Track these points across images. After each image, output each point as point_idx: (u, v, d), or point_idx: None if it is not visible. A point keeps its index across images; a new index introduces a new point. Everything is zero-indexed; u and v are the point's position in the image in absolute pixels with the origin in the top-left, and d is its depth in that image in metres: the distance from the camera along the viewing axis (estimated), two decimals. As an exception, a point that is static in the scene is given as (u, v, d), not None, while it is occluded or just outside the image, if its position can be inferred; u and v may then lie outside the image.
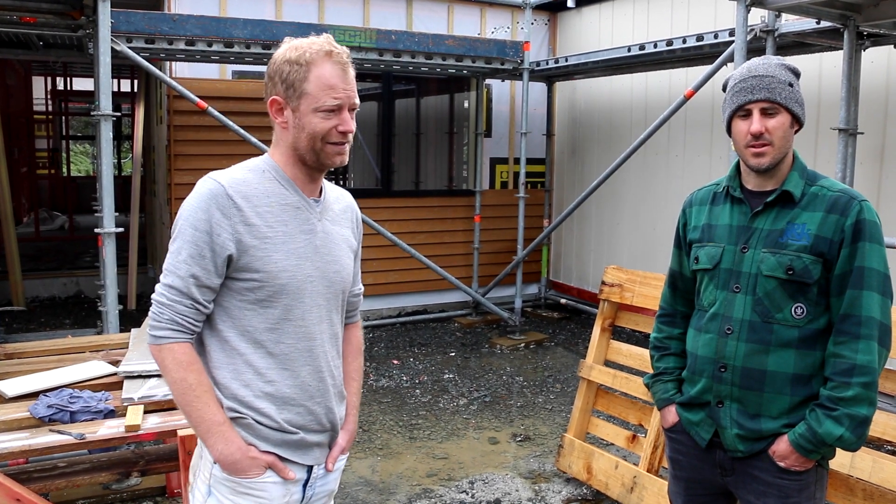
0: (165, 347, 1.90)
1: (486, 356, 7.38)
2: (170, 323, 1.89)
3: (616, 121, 8.65)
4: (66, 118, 15.95)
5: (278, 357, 1.97)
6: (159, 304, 1.91)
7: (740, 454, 2.28)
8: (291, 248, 1.96)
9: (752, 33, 5.30)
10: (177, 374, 1.89)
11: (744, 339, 2.23)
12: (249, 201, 1.92)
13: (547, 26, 9.46)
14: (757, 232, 2.24)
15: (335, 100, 1.95)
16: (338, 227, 2.12)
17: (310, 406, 2.02)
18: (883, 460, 3.15)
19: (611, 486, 4.23)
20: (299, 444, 2.01)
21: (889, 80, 5.97)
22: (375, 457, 4.98)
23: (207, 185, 1.91)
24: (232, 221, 1.88)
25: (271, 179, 1.99)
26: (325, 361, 2.05)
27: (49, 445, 3.40)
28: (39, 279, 9.28)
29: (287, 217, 1.97)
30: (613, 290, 4.47)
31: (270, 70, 1.98)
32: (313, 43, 1.96)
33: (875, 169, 6.00)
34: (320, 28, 6.94)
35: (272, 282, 1.93)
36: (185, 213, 1.90)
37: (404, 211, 8.62)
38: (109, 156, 5.58)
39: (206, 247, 1.87)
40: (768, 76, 2.21)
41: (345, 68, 1.97)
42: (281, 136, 2.01)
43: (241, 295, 1.93)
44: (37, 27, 6.14)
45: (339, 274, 2.10)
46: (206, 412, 1.89)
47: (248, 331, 1.95)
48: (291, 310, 1.96)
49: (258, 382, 1.95)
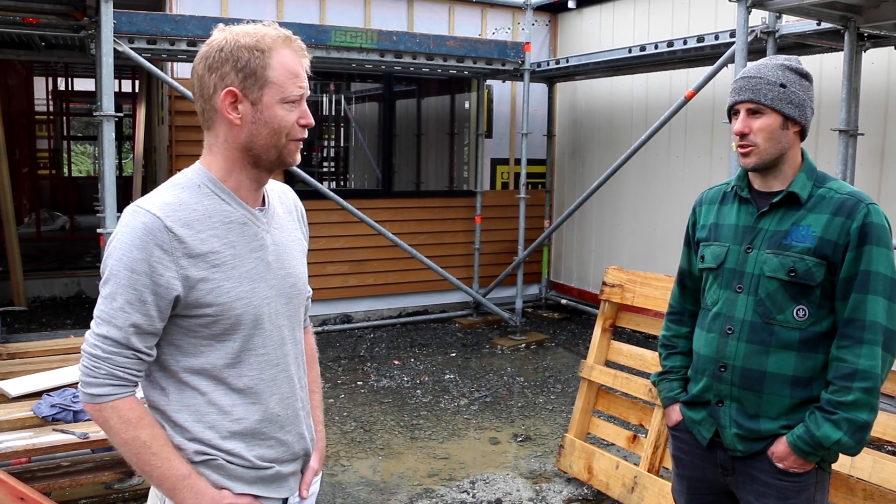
0: (107, 406, 1.66)
1: (486, 356, 7.38)
2: (108, 377, 1.65)
3: (617, 122, 8.66)
4: (68, 119, 15.95)
5: (243, 391, 1.77)
6: (94, 357, 1.66)
7: (739, 454, 2.29)
8: (243, 272, 1.74)
9: (753, 34, 5.31)
10: (127, 434, 1.66)
11: (744, 339, 2.24)
12: (191, 228, 1.68)
13: (548, 27, 9.47)
14: (762, 232, 2.25)
15: (300, 89, 1.74)
16: (287, 233, 1.91)
17: (281, 437, 1.84)
18: (883, 460, 3.16)
19: (611, 486, 4.24)
20: (274, 477, 1.84)
21: (889, 81, 5.98)
22: (377, 457, 4.99)
23: (140, 219, 1.65)
24: (175, 257, 1.64)
25: (209, 195, 1.74)
26: (291, 386, 1.87)
27: (52, 445, 3.42)
28: (41, 279, 9.29)
29: (233, 237, 1.74)
30: (614, 290, 4.48)
31: (214, 60, 1.72)
32: (263, 28, 1.75)
33: (875, 170, 6.01)
34: (322, 29, 6.96)
35: (227, 314, 1.71)
36: (118, 253, 1.64)
37: (405, 211, 8.63)
38: (112, 156, 5.59)
39: (146, 290, 1.63)
40: (756, 77, 2.23)
41: (303, 56, 1.77)
42: (227, 136, 1.75)
43: (194, 332, 1.72)
44: (39, 28, 6.16)
45: (296, 287, 1.90)
46: (167, 468, 1.68)
47: (205, 368, 1.73)
48: (251, 339, 1.76)
49: (224, 422, 1.75)
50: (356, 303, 8.52)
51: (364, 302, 8.57)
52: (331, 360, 7.07)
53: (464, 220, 9.00)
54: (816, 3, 4.72)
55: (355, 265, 8.37)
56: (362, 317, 8.55)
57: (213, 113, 1.75)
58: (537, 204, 9.33)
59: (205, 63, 1.73)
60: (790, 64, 2.25)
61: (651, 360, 4.26)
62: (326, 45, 6.93)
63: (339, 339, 7.85)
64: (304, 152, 9.84)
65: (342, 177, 11.29)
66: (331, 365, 6.93)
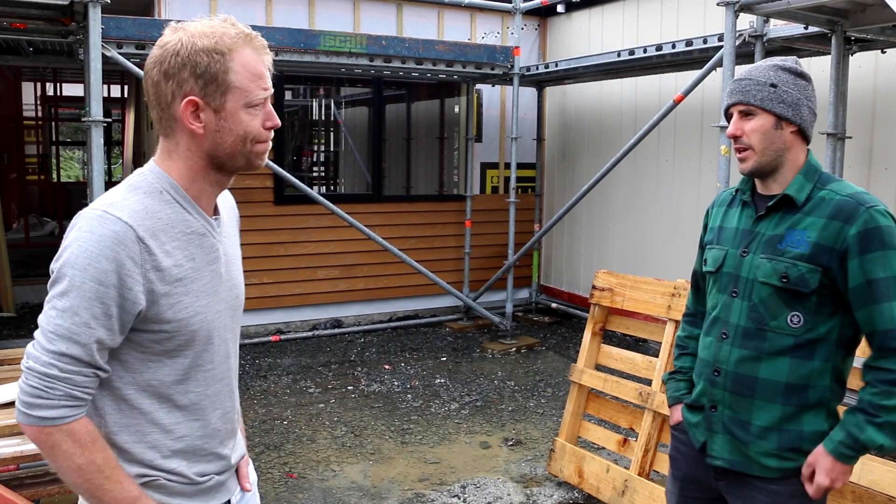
0: (61, 430, 1.52)
1: (477, 361, 7.38)
2: (66, 399, 1.51)
3: (606, 125, 8.68)
4: (56, 124, 15.91)
5: (187, 409, 1.69)
6: (47, 377, 1.50)
7: (720, 463, 2.27)
8: (199, 287, 1.66)
9: (741, 38, 5.34)
10: (81, 458, 1.53)
11: (737, 344, 2.22)
12: (157, 239, 1.57)
13: (537, 31, 9.50)
14: (758, 236, 2.22)
15: (265, 91, 1.64)
16: (232, 242, 1.83)
17: (220, 451, 1.79)
18: (872, 463, 3.17)
19: (602, 489, 4.25)
20: (215, 487, 1.79)
21: (876, 84, 6.02)
22: (367, 462, 4.98)
23: (110, 227, 1.52)
24: (144, 269, 1.54)
25: (171, 203, 1.63)
26: (232, 400, 1.82)
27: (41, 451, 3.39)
28: (29, 285, 9.25)
29: (193, 249, 1.65)
30: (604, 294, 4.49)
31: (169, 65, 1.58)
32: (221, 25, 1.61)
33: (863, 172, 6.05)
34: (311, 34, 6.95)
35: (184, 330, 1.62)
36: (82, 262, 1.50)
37: (395, 216, 8.62)
38: (100, 162, 5.57)
39: (112, 304, 1.52)
40: (746, 79, 2.22)
41: (265, 53, 1.66)
42: (189, 145, 1.64)
43: (144, 347, 1.61)
44: (27, 33, 6.13)
45: (239, 298, 1.83)
46: (119, 492, 1.57)
47: (151, 385, 1.63)
48: (201, 355, 1.69)
49: (166, 441, 1.66)
50: (346, 307, 8.50)
51: (354, 306, 8.55)
52: (321, 365, 7.06)
53: (454, 224, 9.00)
54: (804, 7, 4.75)
55: (345, 270, 8.36)
56: (353, 321, 8.54)
57: (172, 122, 1.63)
58: (527, 208, 9.34)
59: (160, 68, 1.60)
60: (784, 64, 2.23)
61: (641, 364, 4.27)
62: (316, 50, 6.92)
63: (330, 344, 7.84)
64: (293, 157, 9.84)
65: (332, 181, 11.28)
66: (321, 370, 6.92)
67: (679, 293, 4.05)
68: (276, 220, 7.86)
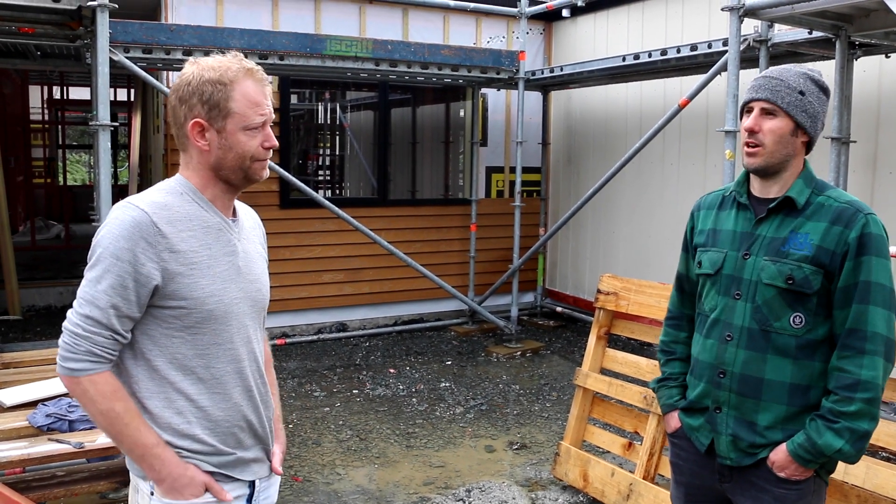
0: (85, 379, 1.83)
1: (482, 365, 7.39)
2: (87, 354, 1.83)
3: (611, 129, 8.69)
4: (63, 127, 15.94)
5: (209, 382, 1.95)
6: (74, 335, 1.84)
7: (729, 462, 2.29)
8: (217, 272, 1.93)
9: (746, 43, 5.35)
10: (103, 405, 1.83)
11: (743, 346, 2.24)
12: (174, 227, 1.87)
13: (542, 36, 9.51)
14: (760, 239, 2.25)
15: (261, 116, 1.94)
16: (253, 245, 2.11)
17: (243, 425, 2.02)
18: (877, 466, 3.17)
19: (607, 493, 4.25)
20: (236, 462, 2.01)
21: (881, 88, 6.02)
22: (372, 465, 4.99)
23: (130, 213, 1.84)
24: (157, 250, 1.83)
25: (190, 202, 1.94)
26: (253, 380, 2.05)
27: (47, 454, 3.42)
28: (35, 288, 9.28)
29: (210, 240, 1.94)
30: (609, 298, 4.50)
31: (183, 93, 1.92)
32: (227, 61, 1.94)
33: (868, 177, 6.04)
34: (317, 38, 6.98)
35: (200, 308, 1.90)
36: (106, 242, 1.83)
37: (400, 220, 8.64)
38: (107, 165, 5.60)
39: (128, 278, 1.81)
40: (777, 79, 2.23)
41: (264, 85, 1.97)
42: (199, 159, 1.96)
43: (167, 322, 1.89)
44: (35, 37, 6.17)
45: (261, 292, 2.09)
46: (138, 437, 1.86)
47: (177, 358, 1.91)
48: (220, 334, 1.95)
49: (191, 409, 1.93)
50: (352, 311, 8.52)
51: (360, 310, 8.56)
52: (326, 369, 7.07)
53: (459, 228, 9.01)
54: (808, 13, 4.76)
55: (351, 273, 8.38)
56: (358, 325, 8.55)
57: (185, 139, 1.96)
58: (532, 212, 9.35)
59: (176, 95, 1.94)
60: (812, 75, 2.25)
61: (646, 368, 4.27)
62: (322, 55, 6.95)
63: (335, 348, 7.85)
64: (299, 161, 9.86)
65: (338, 185, 11.29)
66: (326, 374, 6.93)
67: (684, 297, 4.06)
68: (281, 224, 7.88)
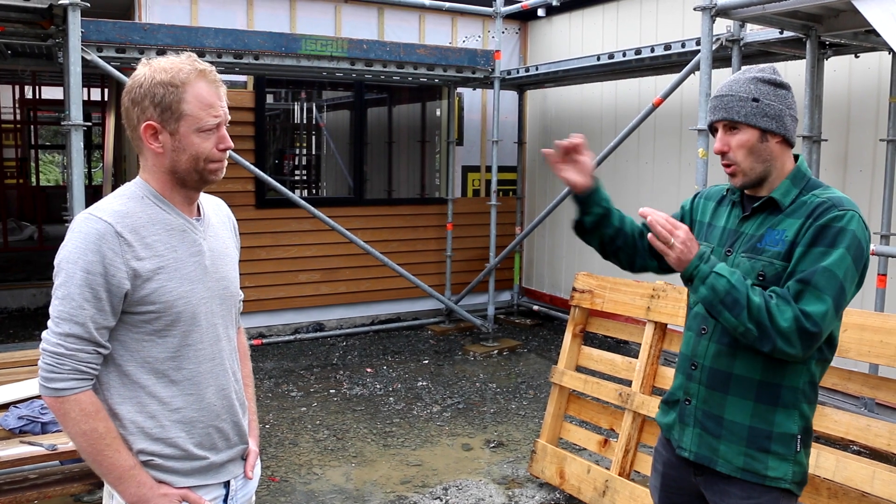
0: (70, 399, 1.82)
1: (459, 363, 7.40)
2: (73, 373, 1.82)
3: (587, 128, 8.73)
4: (35, 127, 15.76)
5: (181, 383, 1.94)
6: (57, 355, 1.81)
7: (687, 454, 2.31)
8: (183, 274, 1.93)
9: (718, 42, 5.40)
10: (86, 425, 1.83)
11: (715, 339, 2.26)
12: (137, 234, 1.86)
13: (518, 35, 9.54)
14: (742, 236, 2.27)
15: (215, 118, 1.92)
16: (221, 242, 2.09)
17: (217, 425, 2.02)
18: (846, 460, 3.22)
19: (583, 490, 4.28)
20: (209, 468, 2.01)
21: (851, 88, 6.10)
22: (349, 464, 4.98)
23: (93, 226, 1.83)
24: (125, 259, 1.82)
25: (151, 205, 1.93)
26: (226, 378, 2.05)
27: (20, 457, 3.39)
28: (8, 290, 9.18)
29: (175, 242, 1.93)
30: (584, 296, 4.52)
31: (135, 95, 1.90)
32: (179, 62, 1.91)
33: (839, 174, 6.12)
34: (292, 37, 6.96)
35: (169, 311, 1.89)
36: (73, 257, 1.81)
37: (377, 219, 8.64)
38: (80, 166, 5.55)
39: (101, 289, 1.81)
40: (728, 95, 2.23)
41: (218, 86, 1.94)
42: (154, 161, 1.94)
43: (137, 327, 1.89)
44: (5, 36, 6.09)
45: (229, 290, 2.08)
46: (117, 459, 1.85)
47: (148, 361, 1.91)
48: (189, 335, 1.94)
49: (164, 412, 1.92)
50: (328, 311, 8.50)
51: (336, 310, 8.55)
52: (303, 369, 7.05)
53: (435, 227, 9.02)
54: (779, 13, 4.81)
55: (327, 273, 8.36)
56: (335, 325, 8.53)
57: (139, 142, 1.94)
58: (508, 211, 9.38)
59: (129, 97, 1.92)
60: (763, 76, 2.23)
61: (621, 365, 4.31)
62: (297, 54, 6.92)
63: (312, 348, 7.83)
64: (275, 161, 9.83)
65: (314, 185, 11.26)
66: (303, 373, 6.91)
67: (658, 295, 4.10)
68: (257, 224, 7.85)
